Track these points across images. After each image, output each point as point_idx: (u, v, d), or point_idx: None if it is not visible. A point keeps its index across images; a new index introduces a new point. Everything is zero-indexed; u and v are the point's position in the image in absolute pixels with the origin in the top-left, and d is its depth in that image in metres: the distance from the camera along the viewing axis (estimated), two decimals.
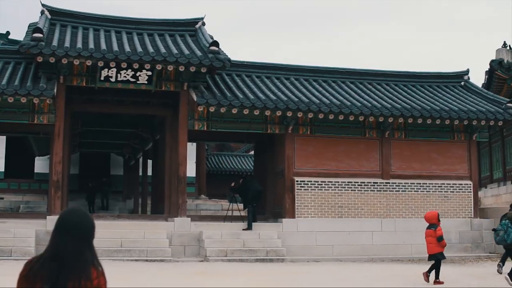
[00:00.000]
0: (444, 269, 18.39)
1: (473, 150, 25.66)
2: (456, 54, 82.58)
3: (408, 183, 24.38)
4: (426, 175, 24.71)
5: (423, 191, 24.53)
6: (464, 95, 26.91)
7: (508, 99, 26.08)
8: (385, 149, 24.54)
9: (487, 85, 30.37)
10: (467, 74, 28.39)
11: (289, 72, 26.43)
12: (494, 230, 17.08)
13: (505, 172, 33.15)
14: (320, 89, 25.36)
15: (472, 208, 25.01)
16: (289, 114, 22.71)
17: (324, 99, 23.77)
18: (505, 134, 33.12)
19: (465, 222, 24.71)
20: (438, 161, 24.95)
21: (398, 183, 24.30)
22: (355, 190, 23.83)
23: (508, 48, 29.77)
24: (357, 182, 23.92)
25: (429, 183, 24.63)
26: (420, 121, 23.75)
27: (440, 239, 15.06)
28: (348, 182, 23.83)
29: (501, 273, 16.47)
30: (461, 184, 24.99)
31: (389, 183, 24.24)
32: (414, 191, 24.42)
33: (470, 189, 25.13)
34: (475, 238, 24.57)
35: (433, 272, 15.20)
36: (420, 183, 24.53)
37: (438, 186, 24.71)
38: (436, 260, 15.08)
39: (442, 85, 27.83)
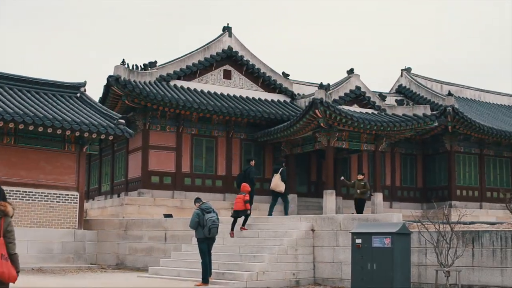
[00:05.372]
0: (43, 279, 18.23)
1: (82, 161, 25.89)
2: (79, 65, 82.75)
3: (13, 191, 23.64)
4: (32, 184, 24.28)
5: (29, 200, 24.07)
6: (79, 106, 27.06)
7: (121, 115, 26.98)
8: None
9: (103, 99, 31.09)
10: (84, 86, 28.60)
11: None
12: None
13: (113, 186, 34.28)
14: None
15: (77, 219, 25.24)
16: None
17: None
18: (116, 149, 34.26)
19: (69, 232, 24.81)
20: (46, 170, 24.71)
21: None
22: None
23: (126, 65, 30.79)
24: None
25: (35, 192, 24.27)
26: (31, 128, 23.25)
27: (246, 202, 19.35)
28: None
29: None
30: (68, 195, 25.09)
31: None
32: (19, 199, 23.79)
33: (77, 200, 25.35)
34: (78, 249, 24.78)
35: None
36: (26, 191, 24.05)
37: (45, 196, 24.48)
38: (245, 214, 19.73)
39: (58, 94, 27.62)
